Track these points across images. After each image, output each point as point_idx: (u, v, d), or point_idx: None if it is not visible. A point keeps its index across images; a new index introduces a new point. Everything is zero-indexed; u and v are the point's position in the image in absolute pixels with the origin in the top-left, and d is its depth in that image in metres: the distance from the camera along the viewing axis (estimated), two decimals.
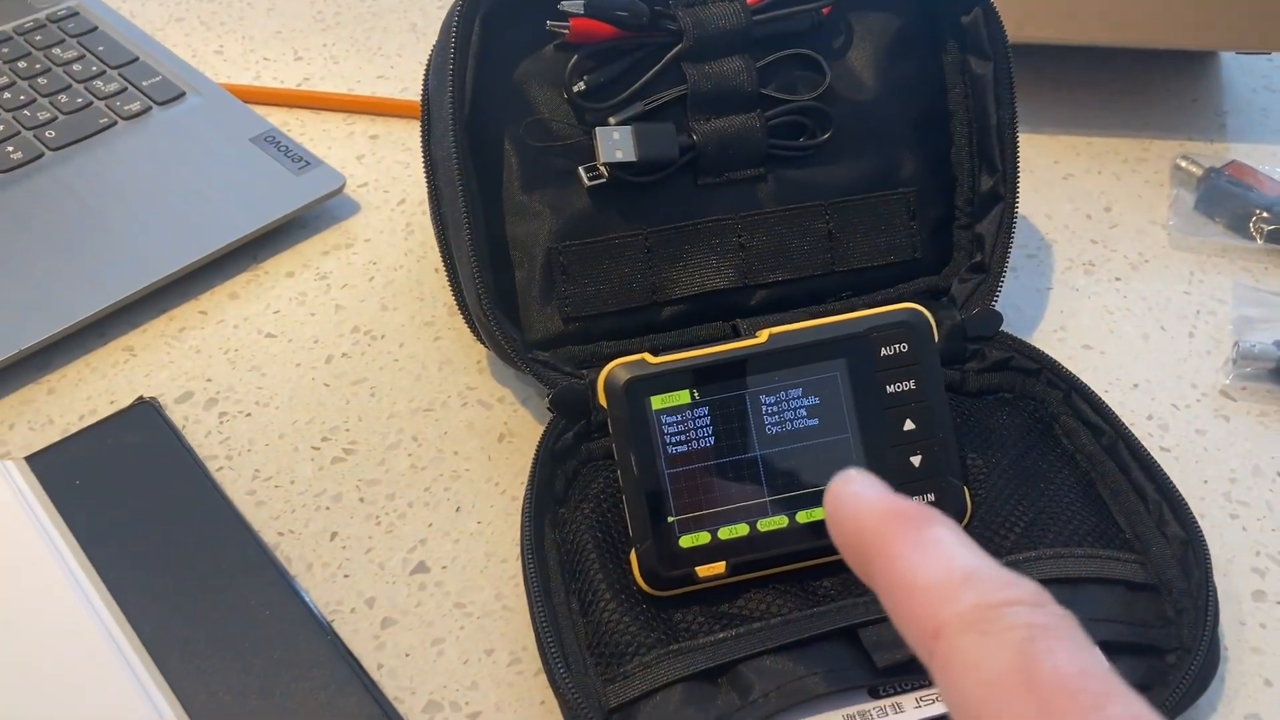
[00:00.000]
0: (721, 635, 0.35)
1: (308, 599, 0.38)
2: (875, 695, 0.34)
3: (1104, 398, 0.42)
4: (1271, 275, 0.49)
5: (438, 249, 0.43)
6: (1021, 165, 0.45)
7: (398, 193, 0.54)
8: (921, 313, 0.38)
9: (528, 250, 0.43)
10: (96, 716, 0.35)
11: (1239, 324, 0.46)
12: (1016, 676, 0.19)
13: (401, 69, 0.61)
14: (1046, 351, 0.44)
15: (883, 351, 0.37)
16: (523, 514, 0.37)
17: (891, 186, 0.45)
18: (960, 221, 0.46)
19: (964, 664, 0.19)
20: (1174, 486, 0.38)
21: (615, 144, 0.42)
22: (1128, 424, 0.42)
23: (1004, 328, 0.45)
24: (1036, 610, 0.20)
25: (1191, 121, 0.57)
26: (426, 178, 0.43)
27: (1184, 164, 0.53)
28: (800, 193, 0.44)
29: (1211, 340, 0.46)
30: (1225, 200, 0.51)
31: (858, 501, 0.24)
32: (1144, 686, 0.34)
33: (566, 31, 0.42)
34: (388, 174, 0.55)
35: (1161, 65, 0.60)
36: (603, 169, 0.42)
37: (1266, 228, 0.49)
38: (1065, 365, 0.43)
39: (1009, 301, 0.48)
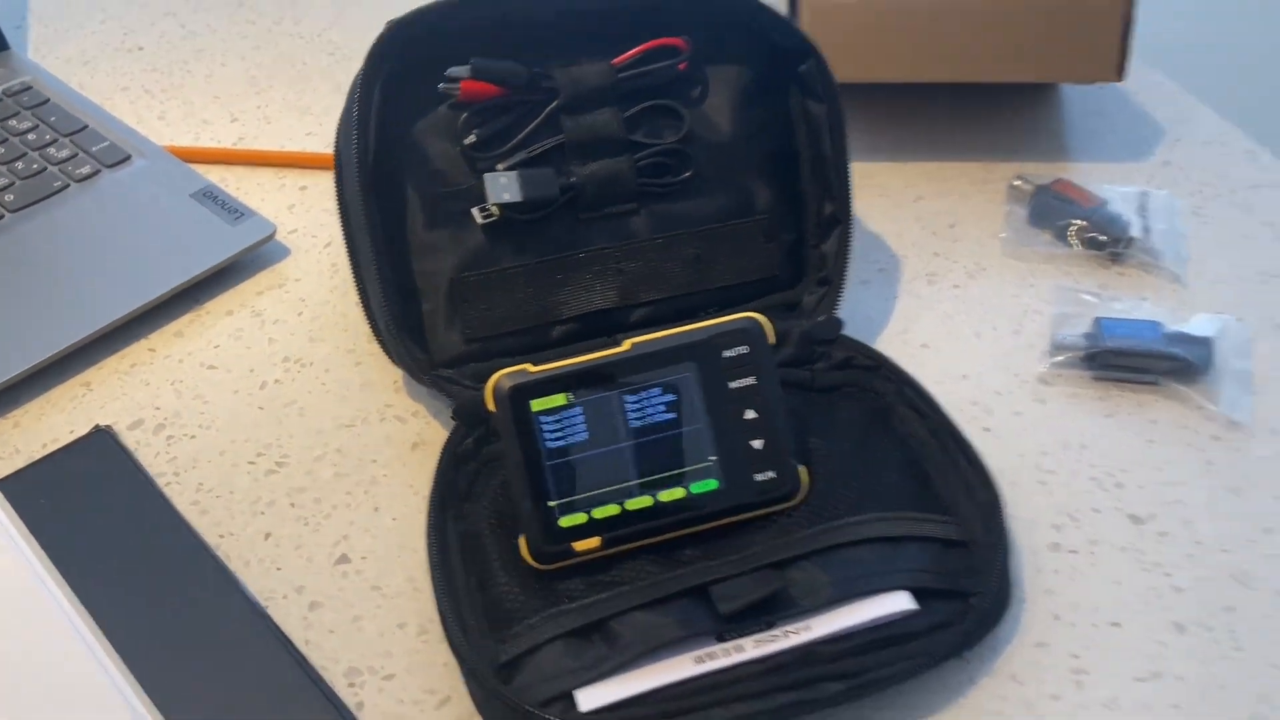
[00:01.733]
0: (594, 598, 0.41)
1: (245, 589, 0.44)
2: (721, 639, 0.40)
3: (937, 389, 0.49)
4: (1086, 277, 0.56)
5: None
6: (878, 190, 0.52)
7: (324, 237, 0.60)
8: (758, 320, 0.45)
9: (433, 282, 0.50)
10: (70, 698, 0.40)
11: (1057, 320, 0.53)
12: None
13: (328, 126, 0.68)
14: (890, 352, 0.51)
15: (725, 354, 0.44)
16: (428, 509, 0.44)
17: (749, 215, 0.52)
18: (810, 243, 0.53)
19: None
20: (980, 460, 0.45)
21: (503, 187, 0.49)
22: (956, 409, 0.49)
23: (855, 333, 0.52)
24: None
25: (1031, 145, 0.65)
26: (341, 223, 0.49)
27: (1018, 183, 0.60)
28: (670, 223, 0.51)
29: (1035, 335, 0.54)
30: (1051, 214, 0.58)
31: None
32: (947, 624, 0.40)
33: (457, 93, 0.49)
34: (315, 221, 0.61)
35: (1009, 96, 0.68)
36: (493, 209, 0.49)
37: (1084, 235, 0.57)
38: (906, 362, 0.50)
39: (861, 310, 0.55)
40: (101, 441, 0.50)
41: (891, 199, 0.61)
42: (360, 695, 0.41)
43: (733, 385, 0.44)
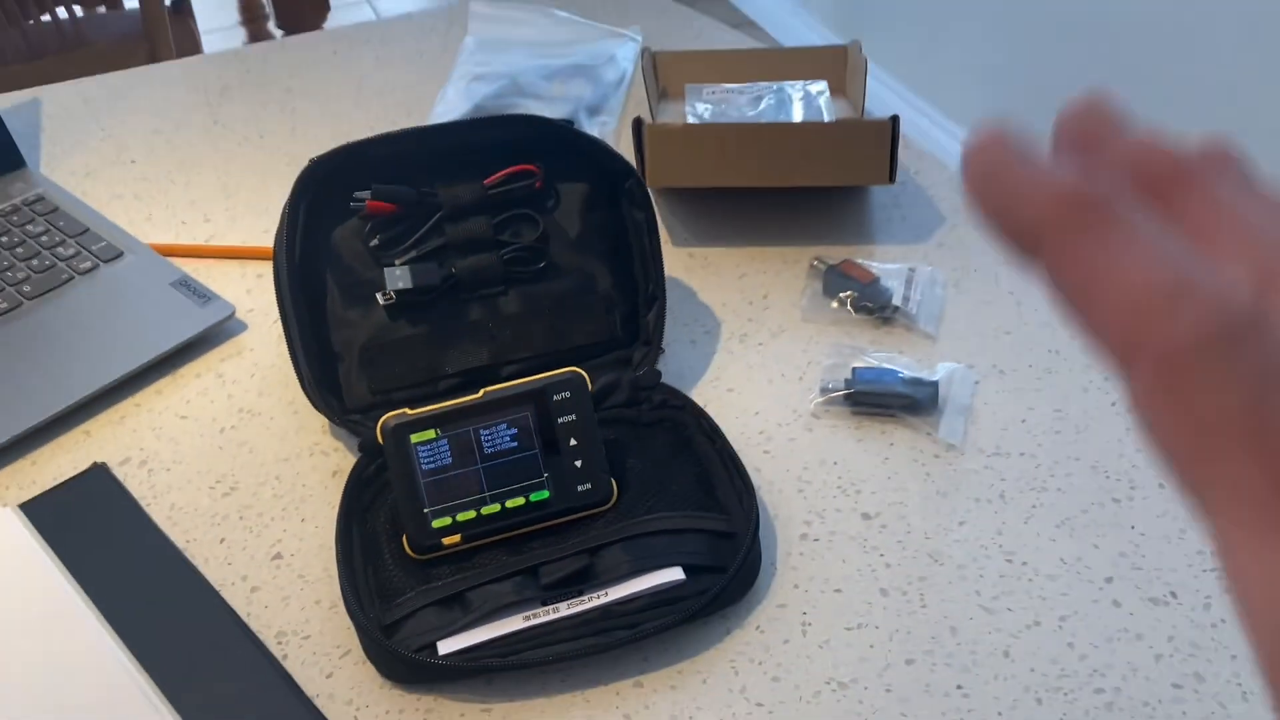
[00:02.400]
0: (455, 577, 0.57)
1: (206, 578, 0.60)
2: (544, 604, 0.56)
3: (735, 422, 0.65)
4: (860, 336, 0.73)
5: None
6: (709, 269, 0.68)
7: (274, 315, 0.76)
8: (579, 373, 0.61)
9: (348, 348, 0.66)
10: (67, 652, 0.56)
11: (827, 369, 0.69)
12: (1243, 421, 0.16)
13: None
14: (703, 395, 0.67)
15: (555, 398, 0.60)
16: (337, 519, 0.60)
17: (593, 293, 0.69)
18: (641, 313, 0.69)
19: (1174, 397, 0.16)
20: (747, 475, 0.61)
21: (398, 278, 0.65)
22: (745, 437, 0.65)
23: (680, 381, 0.68)
24: (1273, 341, 0.16)
25: (834, 232, 0.81)
26: (278, 306, 0.66)
27: (815, 263, 0.77)
28: (531, 300, 0.68)
29: (811, 381, 0.70)
30: (836, 287, 0.75)
31: (1016, 180, 0.18)
32: (707, 590, 0.56)
33: (364, 208, 0.66)
34: (268, 302, 0.77)
35: (826, 192, 0.85)
36: (392, 294, 0.65)
37: (859, 304, 0.73)
38: (715, 403, 0.67)
39: (687, 362, 0.71)
40: (99, 475, 0.66)
41: (722, 276, 0.78)
42: (286, 649, 0.57)
43: (560, 420, 0.60)
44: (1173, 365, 0.16)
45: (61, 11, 1.82)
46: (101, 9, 2.20)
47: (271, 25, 2.44)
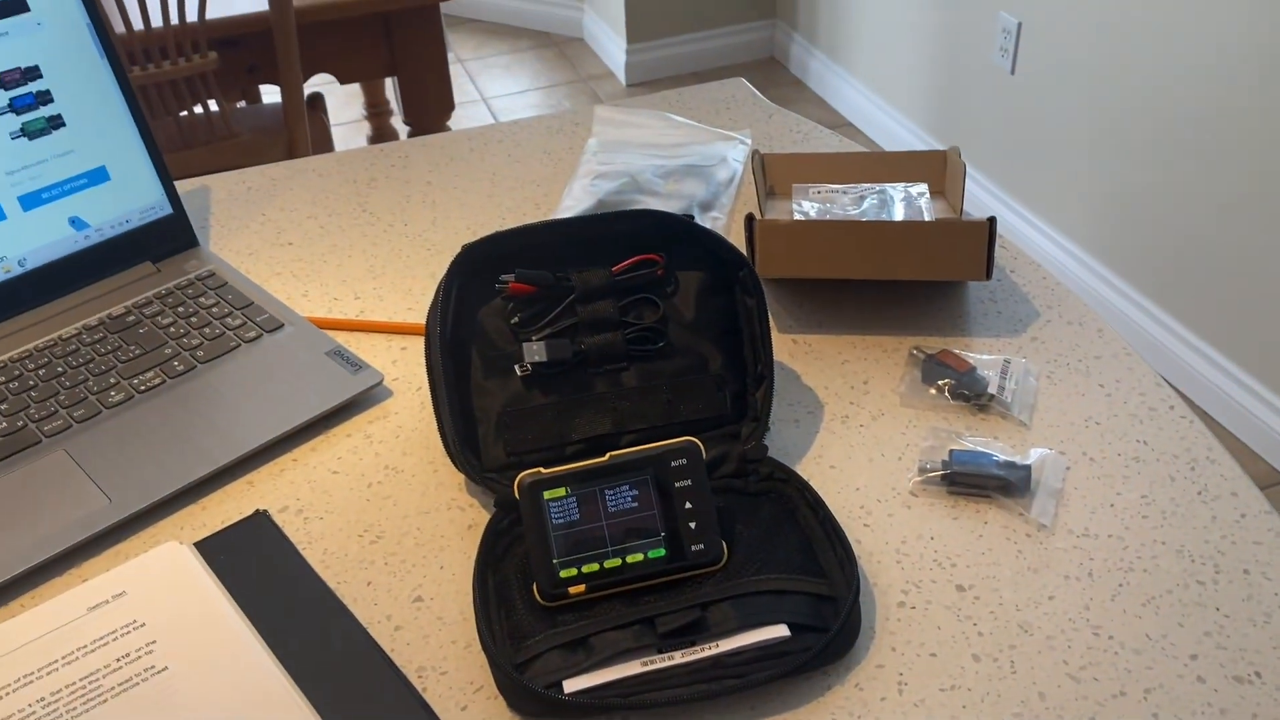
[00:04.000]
0: (579, 624, 0.63)
1: (354, 616, 0.67)
2: (660, 651, 0.61)
3: (837, 497, 0.71)
4: (952, 421, 0.77)
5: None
6: (812, 355, 0.74)
7: (416, 383, 0.84)
8: (695, 443, 0.67)
9: (487, 413, 0.73)
10: (242, 684, 0.63)
11: (925, 451, 0.74)
12: None
13: (423, 303, 0.93)
14: (807, 470, 0.73)
15: (673, 464, 0.66)
16: (474, 567, 0.66)
17: (706, 372, 0.75)
18: (750, 392, 0.76)
19: None
20: (849, 544, 0.66)
21: (534, 351, 0.73)
22: (847, 511, 0.70)
23: (785, 456, 0.74)
24: None
25: (932, 323, 0.87)
26: (427, 374, 0.74)
27: (915, 352, 0.82)
28: (650, 377, 0.75)
29: (910, 461, 0.75)
30: (934, 375, 0.80)
31: None
32: (810, 648, 0.61)
33: (506, 290, 0.73)
34: (411, 371, 0.86)
35: (924, 286, 0.90)
36: (528, 366, 0.73)
37: (956, 391, 0.78)
38: (818, 478, 0.72)
39: (790, 441, 0.77)
40: (261, 520, 0.74)
41: (824, 362, 0.84)
42: (426, 683, 0.63)
43: (677, 485, 0.66)
44: None
45: (212, 104, 1.99)
46: (242, 103, 2.38)
47: (396, 120, 2.60)
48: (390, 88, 2.87)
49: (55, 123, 0.90)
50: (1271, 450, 2.01)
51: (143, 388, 0.83)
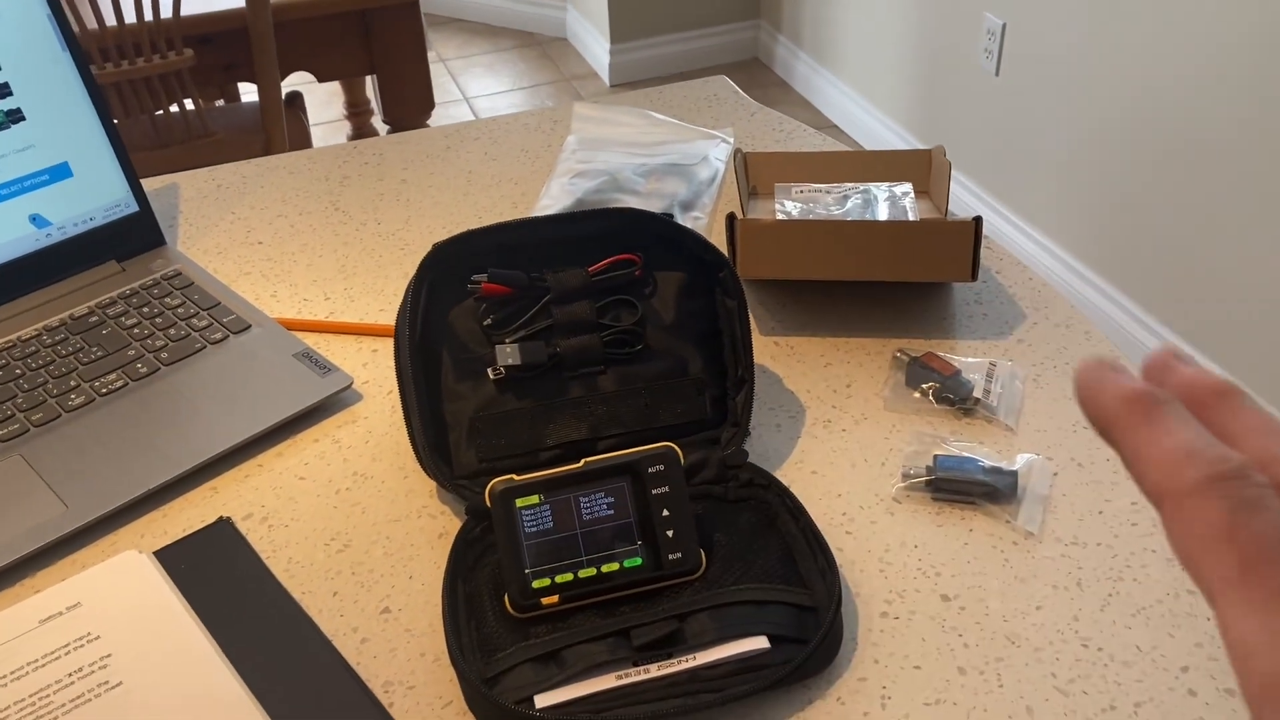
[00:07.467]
0: (552, 635, 0.61)
1: (319, 629, 0.64)
2: (635, 664, 0.59)
3: (819, 503, 0.69)
4: (936, 425, 0.76)
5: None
6: (795, 357, 0.72)
7: (387, 386, 0.82)
8: (673, 448, 0.65)
9: (458, 419, 0.71)
10: (199, 692, 0.60)
11: (909, 456, 0.72)
12: (1222, 533, 0.23)
13: (396, 304, 0.91)
14: (788, 476, 0.70)
15: (650, 470, 0.64)
16: (444, 577, 0.64)
17: (685, 376, 0.73)
18: (730, 396, 0.73)
19: (1184, 522, 0.24)
20: (830, 553, 0.64)
21: (508, 355, 0.70)
22: (829, 518, 0.68)
23: (766, 462, 0.72)
24: (1245, 485, 0.24)
25: (916, 325, 0.85)
26: (397, 378, 0.71)
27: (898, 355, 0.81)
28: (628, 380, 0.72)
29: (893, 467, 0.73)
30: (918, 378, 0.78)
31: (1103, 385, 0.27)
32: (790, 660, 0.59)
33: (479, 290, 0.71)
34: (382, 374, 0.83)
35: (909, 287, 0.88)
36: (501, 369, 0.70)
37: (940, 395, 0.76)
38: (799, 484, 0.70)
39: (771, 446, 0.75)
40: (224, 528, 0.71)
41: (807, 365, 0.82)
42: (392, 698, 0.60)
43: (654, 491, 0.64)
44: (1183, 499, 0.25)
45: (188, 103, 1.96)
46: (220, 102, 2.35)
47: (376, 120, 2.58)
48: (371, 86, 2.84)
49: (14, 117, 0.87)
50: None
51: (104, 390, 0.80)
